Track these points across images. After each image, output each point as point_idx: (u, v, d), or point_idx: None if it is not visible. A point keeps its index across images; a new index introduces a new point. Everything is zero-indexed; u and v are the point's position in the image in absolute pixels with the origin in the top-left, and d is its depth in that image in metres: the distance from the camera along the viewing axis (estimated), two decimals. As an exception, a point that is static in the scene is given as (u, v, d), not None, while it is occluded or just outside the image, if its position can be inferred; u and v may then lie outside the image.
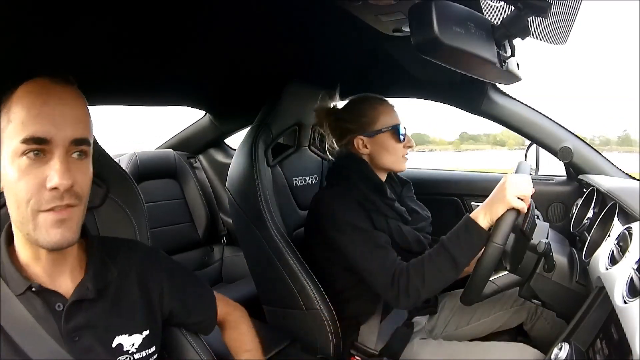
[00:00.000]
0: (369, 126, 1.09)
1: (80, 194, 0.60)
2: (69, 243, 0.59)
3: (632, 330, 0.56)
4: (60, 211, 0.57)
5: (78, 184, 0.59)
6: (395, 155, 1.10)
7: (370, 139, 1.09)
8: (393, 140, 1.09)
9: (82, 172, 0.60)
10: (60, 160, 0.57)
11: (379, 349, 1.08)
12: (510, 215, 0.87)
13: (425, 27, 0.59)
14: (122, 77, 1.17)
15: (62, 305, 0.63)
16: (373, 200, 1.05)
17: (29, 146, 0.56)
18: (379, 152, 1.10)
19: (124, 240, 0.78)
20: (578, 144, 1.36)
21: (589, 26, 1.22)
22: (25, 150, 0.56)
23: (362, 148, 1.10)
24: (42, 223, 0.57)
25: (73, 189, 0.58)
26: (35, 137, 0.56)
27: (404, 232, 1.07)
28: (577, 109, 5.46)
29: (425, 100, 1.54)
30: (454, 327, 1.22)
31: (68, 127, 0.58)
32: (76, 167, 0.59)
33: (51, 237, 0.57)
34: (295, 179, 1.34)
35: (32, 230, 0.57)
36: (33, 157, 0.56)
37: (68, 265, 0.66)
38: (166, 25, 0.86)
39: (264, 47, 1.07)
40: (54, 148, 0.57)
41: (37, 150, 0.56)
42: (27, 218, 0.57)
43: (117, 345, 0.67)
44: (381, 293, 0.99)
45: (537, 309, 1.18)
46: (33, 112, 0.57)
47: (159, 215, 1.87)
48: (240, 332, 0.85)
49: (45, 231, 0.57)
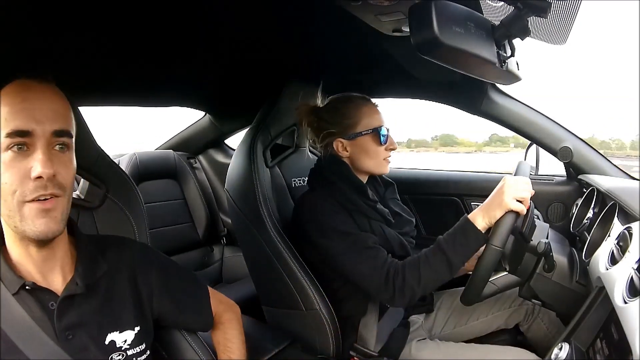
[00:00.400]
0: (350, 129, 1.06)
1: (63, 184, 0.62)
2: (53, 233, 0.61)
3: (632, 330, 0.56)
4: (45, 201, 0.59)
5: (61, 175, 0.61)
6: (376, 159, 1.08)
7: (350, 142, 1.07)
8: (374, 143, 1.06)
9: (65, 164, 0.62)
10: (42, 151, 0.60)
11: (377, 349, 1.08)
12: (509, 217, 0.87)
13: (425, 27, 0.58)
14: (122, 79, 1.17)
15: (55, 303, 0.64)
16: (354, 201, 1.04)
17: (12, 139, 0.59)
18: (359, 155, 1.07)
19: (115, 237, 0.79)
20: (578, 144, 1.36)
21: (588, 26, 1.21)
22: (10, 144, 0.59)
23: (341, 151, 1.08)
24: (27, 214, 0.59)
25: (56, 179, 0.60)
26: (18, 130, 0.59)
27: (387, 234, 1.07)
28: (578, 109, 5.45)
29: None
30: (452, 326, 1.22)
31: (48, 120, 0.61)
32: (58, 159, 0.61)
33: (36, 226, 0.59)
34: (294, 180, 1.34)
35: (19, 222, 0.60)
36: (17, 151, 0.59)
37: (58, 262, 0.66)
38: (166, 26, 0.86)
39: (263, 47, 1.07)
40: (36, 141, 0.60)
41: (20, 144, 0.59)
42: (14, 210, 0.59)
43: (109, 342, 0.67)
44: (375, 294, 0.99)
45: (534, 309, 1.17)
46: (15, 109, 0.60)
47: (159, 215, 1.87)
48: (227, 337, 0.85)
49: (31, 221, 0.59)
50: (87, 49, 0.88)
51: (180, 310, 0.79)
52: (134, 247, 0.78)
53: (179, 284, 0.81)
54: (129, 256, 0.75)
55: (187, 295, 0.82)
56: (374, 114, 1.08)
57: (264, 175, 1.18)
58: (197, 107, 1.87)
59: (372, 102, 1.12)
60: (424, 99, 1.54)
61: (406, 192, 1.75)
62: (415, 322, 1.20)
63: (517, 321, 1.20)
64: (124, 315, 0.70)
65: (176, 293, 0.79)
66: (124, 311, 0.71)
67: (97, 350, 0.66)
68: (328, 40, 1.05)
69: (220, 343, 0.84)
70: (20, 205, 0.59)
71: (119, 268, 0.73)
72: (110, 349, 0.67)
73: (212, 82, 1.42)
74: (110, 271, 0.71)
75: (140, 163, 1.85)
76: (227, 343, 0.84)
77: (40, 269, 0.65)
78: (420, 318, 1.22)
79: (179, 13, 0.80)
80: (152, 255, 0.79)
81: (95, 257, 0.71)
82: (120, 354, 0.68)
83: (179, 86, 1.42)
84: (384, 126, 1.08)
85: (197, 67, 1.19)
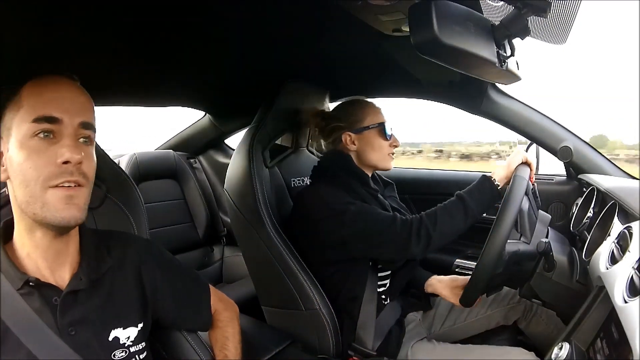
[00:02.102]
0: (357, 123, 1.14)
1: (87, 174, 0.63)
2: (76, 221, 0.62)
3: (633, 329, 0.56)
4: (69, 188, 0.60)
5: (85, 164, 0.62)
6: (381, 153, 1.14)
7: (357, 135, 1.14)
8: (380, 138, 1.13)
9: (88, 156, 0.64)
10: (70, 138, 0.61)
11: (375, 347, 1.08)
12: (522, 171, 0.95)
13: (425, 26, 0.58)
14: (122, 79, 1.17)
15: (58, 298, 0.63)
16: (357, 190, 1.09)
17: (40, 125, 0.60)
18: (365, 149, 1.14)
19: (120, 233, 0.79)
20: (578, 144, 1.36)
21: (588, 26, 1.21)
22: (36, 131, 0.60)
23: (349, 144, 1.14)
24: (51, 199, 0.59)
25: (81, 168, 0.61)
26: (47, 116, 0.60)
27: None
28: (584, 109, 5.36)
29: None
30: (451, 323, 1.23)
31: (76, 111, 0.62)
32: (83, 149, 0.63)
33: (60, 212, 0.60)
34: (293, 180, 1.34)
35: (40, 209, 0.60)
36: (43, 138, 0.60)
37: (69, 257, 0.67)
38: (166, 26, 0.86)
39: (263, 47, 1.06)
40: (63, 129, 0.61)
41: (47, 132, 0.60)
42: (36, 196, 0.59)
43: (113, 339, 0.67)
44: (392, 244, 1.00)
45: (533, 306, 1.18)
46: (45, 97, 0.61)
47: (159, 215, 1.87)
48: (224, 335, 0.85)
49: (54, 207, 0.60)
50: (86, 48, 0.88)
51: (180, 309, 0.79)
52: (138, 243, 0.78)
53: (181, 282, 0.81)
54: (134, 252, 0.75)
55: (189, 294, 0.82)
56: (379, 113, 1.17)
57: (263, 175, 1.18)
58: (197, 107, 1.87)
59: (375, 104, 1.19)
60: (424, 99, 1.54)
61: (406, 192, 1.76)
62: (413, 320, 1.20)
63: (516, 318, 1.21)
64: (128, 312, 0.70)
65: (178, 291, 0.79)
66: (128, 307, 0.71)
67: (100, 347, 0.65)
68: (328, 41, 1.05)
69: (218, 341, 0.84)
70: (43, 191, 0.59)
71: (124, 264, 0.72)
72: (114, 345, 0.67)
73: (212, 82, 1.42)
74: (114, 267, 0.71)
75: (140, 163, 1.85)
76: (224, 341, 0.84)
77: (50, 264, 0.65)
78: (417, 316, 1.23)
79: (180, 13, 0.80)
80: (157, 252, 0.79)
81: (100, 253, 0.71)
82: (124, 351, 0.68)
83: (179, 86, 1.42)
84: (387, 123, 1.15)
85: (197, 67, 1.19)
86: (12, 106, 0.63)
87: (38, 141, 0.60)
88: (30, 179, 0.59)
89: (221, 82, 1.42)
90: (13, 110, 0.62)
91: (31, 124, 0.60)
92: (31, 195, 0.59)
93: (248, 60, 1.16)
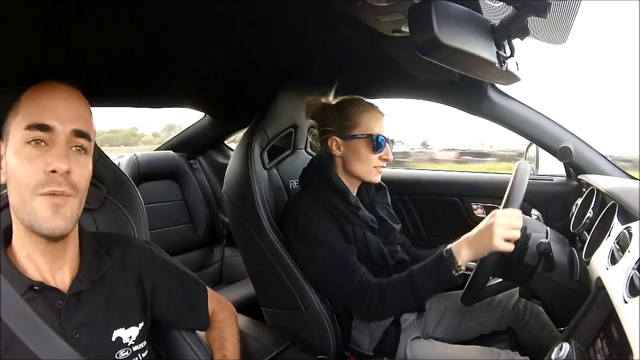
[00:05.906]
0: (346, 129, 1.08)
1: (77, 185, 0.62)
2: (61, 231, 0.61)
3: (633, 329, 0.56)
4: (56, 197, 0.60)
5: (75, 175, 0.61)
6: (367, 165, 1.08)
7: (344, 142, 1.09)
8: (367, 149, 1.07)
9: (80, 165, 0.63)
10: (60, 147, 0.61)
11: (371, 348, 1.08)
12: (495, 254, 0.89)
13: (425, 27, 0.59)
14: (122, 79, 1.17)
15: (62, 302, 0.64)
16: (336, 205, 1.06)
17: (33, 132, 0.60)
18: (350, 158, 1.09)
19: (118, 235, 0.79)
20: (578, 144, 1.36)
21: (588, 26, 1.21)
22: (28, 139, 0.60)
23: (335, 149, 1.10)
24: (37, 207, 0.59)
25: (70, 178, 0.61)
26: (39, 124, 0.60)
27: (368, 242, 1.08)
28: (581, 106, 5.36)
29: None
30: (444, 327, 1.20)
31: (70, 119, 0.62)
32: (75, 158, 0.62)
33: (46, 222, 0.60)
34: (291, 181, 1.33)
35: (28, 215, 0.60)
36: (34, 146, 0.60)
37: (68, 261, 0.67)
38: (166, 27, 0.86)
39: (262, 48, 1.06)
40: (55, 137, 0.61)
41: (38, 140, 0.60)
42: (25, 202, 0.60)
43: (116, 339, 0.68)
44: (344, 300, 1.04)
45: (525, 312, 1.16)
46: (39, 104, 0.62)
47: (159, 216, 1.87)
48: (222, 336, 0.85)
49: (41, 216, 0.60)
50: (86, 49, 0.88)
51: (177, 309, 0.80)
52: (137, 244, 0.79)
53: (179, 283, 0.81)
54: (133, 252, 0.75)
55: (186, 294, 0.82)
56: (375, 121, 1.09)
57: (261, 177, 1.18)
58: (197, 107, 1.87)
59: (379, 110, 1.13)
60: (424, 99, 1.54)
61: (406, 192, 1.76)
62: (407, 320, 1.19)
63: (509, 324, 1.18)
64: (129, 311, 0.71)
65: (176, 292, 0.80)
66: (129, 307, 0.71)
67: (104, 347, 0.66)
68: (327, 41, 1.05)
69: (216, 341, 0.84)
70: (32, 198, 0.59)
71: (123, 264, 0.73)
72: (117, 345, 0.68)
73: (212, 83, 1.42)
74: (114, 267, 0.72)
75: (140, 164, 1.85)
76: (222, 341, 0.84)
77: (50, 267, 0.65)
78: (411, 316, 1.21)
79: (180, 14, 0.80)
80: (156, 252, 0.80)
81: (98, 254, 0.71)
82: (127, 350, 0.69)
83: (179, 87, 1.42)
84: (383, 135, 1.08)
85: (197, 68, 1.19)
86: (12, 111, 0.63)
87: (30, 149, 0.60)
88: (20, 184, 0.60)
89: (221, 83, 1.42)
90: (12, 114, 0.63)
91: (24, 131, 0.60)
92: (21, 201, 0.60)
93: (247, 60, 1.16)
